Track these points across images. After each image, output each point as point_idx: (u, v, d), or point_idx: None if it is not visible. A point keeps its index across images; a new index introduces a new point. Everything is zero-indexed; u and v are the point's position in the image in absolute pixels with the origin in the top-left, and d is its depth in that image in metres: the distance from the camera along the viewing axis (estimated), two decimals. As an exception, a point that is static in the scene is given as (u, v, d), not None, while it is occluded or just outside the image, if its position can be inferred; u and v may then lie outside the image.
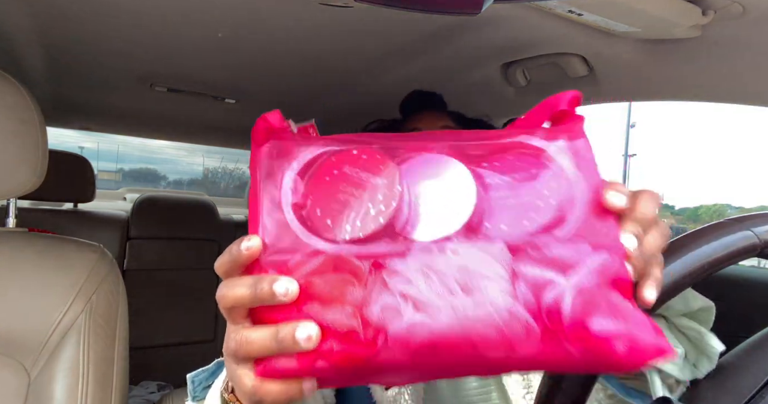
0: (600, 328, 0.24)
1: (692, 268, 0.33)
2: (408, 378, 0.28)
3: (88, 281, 0.73)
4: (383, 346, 0.24)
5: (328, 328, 0.25)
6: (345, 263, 0.26)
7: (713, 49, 0.75)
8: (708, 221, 0.38)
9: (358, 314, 0.25)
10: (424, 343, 0.24)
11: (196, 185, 16.40)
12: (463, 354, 0.24)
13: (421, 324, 0.24)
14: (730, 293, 1.11)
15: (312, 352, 0.25)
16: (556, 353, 0.24)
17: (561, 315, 0.24)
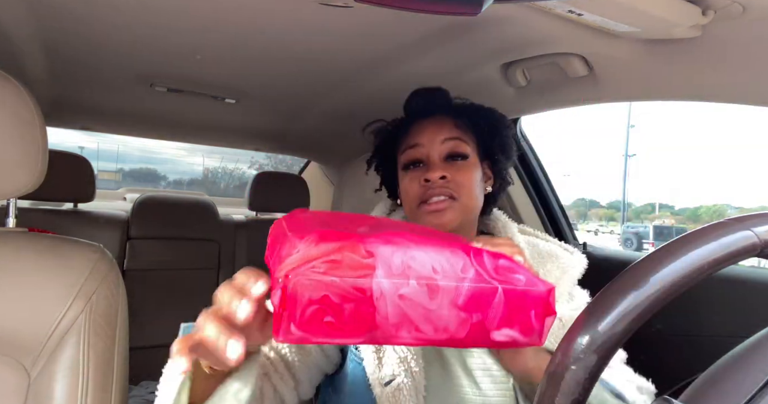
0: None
1: (692, 268, 0.33)
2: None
3: (88, 281, 0.73)
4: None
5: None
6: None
7: (713, 49, 0.75)
8: (708, 221, 0.38)
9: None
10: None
11: (196, 185, 16.46)
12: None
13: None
14: (730, 293, 1.11)
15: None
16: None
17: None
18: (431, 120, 0.76)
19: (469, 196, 0.72)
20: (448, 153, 0.73)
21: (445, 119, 0.76)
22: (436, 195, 0.71)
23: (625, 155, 21.88)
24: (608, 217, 40.87)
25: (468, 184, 0.72)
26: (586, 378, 0.31)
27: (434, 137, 0.74)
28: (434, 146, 0.74)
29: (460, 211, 0.72)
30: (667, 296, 0.32)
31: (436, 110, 0.78)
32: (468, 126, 0.76)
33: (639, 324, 0.32)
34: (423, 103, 0.80)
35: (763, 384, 0.30)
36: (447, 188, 0.71)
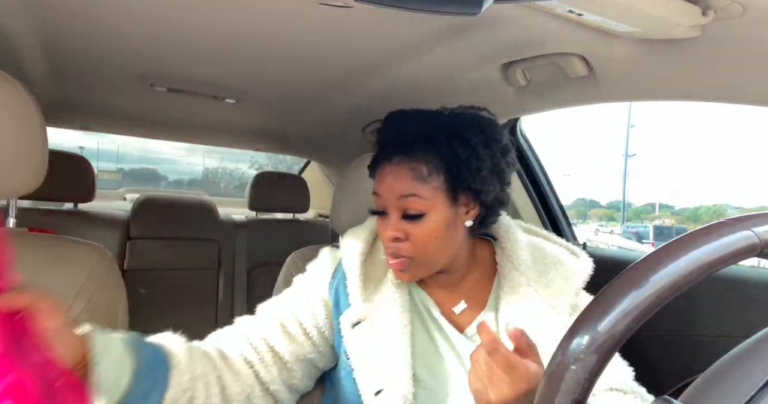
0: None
1: (692, 268, 0.33)
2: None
3: (88, 281, 0.73)
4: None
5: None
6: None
7: (713, 49, 0.75)
8: (708, 221, 0.38)
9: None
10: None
11: (196, 185, 16.46)
12: None
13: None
14: (730, 293, 1.11)
15: None
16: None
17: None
18: (391, 167, 0.68)
19: (424, 253, 0.68)
20: (404, 212, 0.67)
21: (403, 168, 0.67)
22: (391, 254, 0.69)
23: (625, 155, 21.89)
24: (608, 217, 40.88)
25: (424, 241, 0.67)
26: (586, 378, 0.31)
27: (390, 191, 0.68)
28: (391, 200, 0.68)
29: (419, 268, 0.70)
30: (667, 296, 0.32)
31: (403, 148, 0.68)
32: (435, 164, 0.67)
33: (639, 324, 0.32)
34: (394, 134, 0.71)
35: (763, 384, 0.30)
36: (398, 250, 0.68)
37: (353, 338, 0.71)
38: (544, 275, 0.75)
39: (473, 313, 0.74)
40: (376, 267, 0.76)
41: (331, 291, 0.76)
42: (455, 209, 0.69)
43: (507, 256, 0.76)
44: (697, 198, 41.89)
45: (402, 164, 0.68)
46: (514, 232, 0.79)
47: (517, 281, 0.74)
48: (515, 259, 0.75)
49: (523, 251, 0.76)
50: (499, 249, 0.78)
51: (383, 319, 0.71)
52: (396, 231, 0.68)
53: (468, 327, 0.73)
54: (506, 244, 0.77)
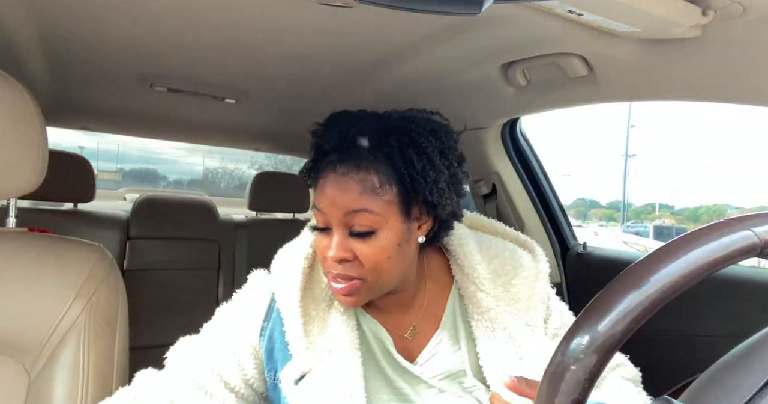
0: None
1: (692, 268, 0.33)
2: None
3: (88, 281, 0.73)
4: None
5: None
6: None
7: (713, 49, 0.75)
8: (708, 221, 0.38)
9: None
10: None
11: (196, 185, 16.44)
12: None
13: None
14: (730, 294, 1.11)
15: None
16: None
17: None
18: (336, 177, 0.60)
19: (375, 275, 0.60)
20: (351, 230, 0.60)
21: (350, 180, 0.59)
22: (335, 279, 0.61)
23: (625, 155, 21.89)
24: (608, 217, 40.86)
25: (374, 262, 0.59)
26: (586, 378, 0.31)
27: (334, 206, 0.59)
28: (335, 217, 0.60)
29: (368, 290, 0.62)
30: (667, 296, 0.32)
31: (348, 157, 0.60)
32: (387, 176, 0.60)
33: (639, 324, 0.32)
34: (336, 141, 0.62)
35: (763, 384, 0.30)
36: (347, 271, 0.60)
37: (296, 395, 0.61)
38: (509, 287, 0.69)
39: (428, 333, 0.68)
40: (318, 304, 0.66)
41: (263, 339, 0.66)
42: (408, 224, 0.62)
43: (466, 275, 0.69)
44: (697, 198, 41.81)
45: (349, 174, 0.59)
46: (467, 243, 0.71)
47: (485, 304, 0.67)
48: (475, 278, 0.68)
49: (481, 265, 0.69)
50: (455, 265, 0.71)
51: (332, 367, 0.61)
52: (343, 251, 0.59)
53: (422, 351, 0.67)
54: (462, 260, 0.70)
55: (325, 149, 0.63)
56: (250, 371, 0.65)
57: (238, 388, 0.65)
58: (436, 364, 0.67)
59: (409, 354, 0.68)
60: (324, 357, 0.62)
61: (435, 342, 0.68)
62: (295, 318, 0.63)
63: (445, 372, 0.67)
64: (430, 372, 0.66)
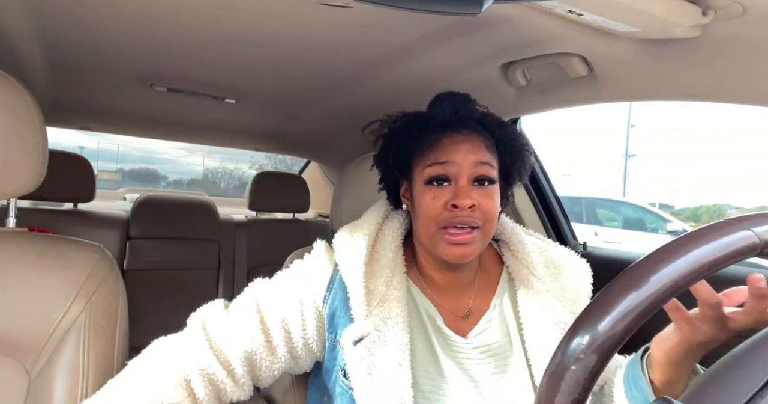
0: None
1: (692, 268, 0.33)
2: None
3: (88, 281, 0.73)
4: None
5: None
6: None
7: (713, 49, 0.75)
8: (708, 221, 0.38)
9: None
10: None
11: (196, 185, 16.47)
12: None
13: None
14: (730, 293, 1.11)
15: None
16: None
17: None
18: (464, 137, 0.69)
19: (491, 224, 0.68)
20: (478, 177, 0.67)
21: (477, 138, 0.69)
22: (461, 224, 0.66)
23: (625, 155, 21.87)
24: (608, 217, 40.76)
25: (493, 212, 0.67)
26: (586, 378, 0.31)
27: (466, 157, 0.67)
28: (465, 167, 0.67)
29: (481, 241, 0.68)
30: (667, 296, 0.32)
31: (466, 124, 0.71)
32: (493, 145, 0.71)
33: (639, 324, 0.32)
34: (452, 112, 0.72)
35: (763, 384, 0.30)
36: (472, 218, 0.65)
37: (354, 356, 0.66)
38: (558, 278, 0.74)
39: (478, 314, 0.73)
40: (377, 278, 0.70)
41: (326, 305, 0.70)
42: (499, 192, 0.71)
43: (519, 259, 0.75)
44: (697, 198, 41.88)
45: (473, 135, 0.69)
46: (520, 234, 0.78)
47: (535, 287, 0.72)
48: (529, 263, 0.74)
49: (534, 253, 0.75)
50: (508, 252, 0.77)
51: (386, 336, 0.67)
52: (472, 199, 0.65)
53: (471, 330, 0.71)
54: (516, 246, 0.76)
55: (440, 119, 0.72)
56: (310, 330, 0.70)
57: (296, 344, 0.70)
58: (484, 341, 0.70)
59: (460, 331, 0.71)
60: (380, 326, 0.67)
61: (485, 321, 0.72)
62: (359, 289, 0.68)
63: (492, 349, 0.70)
64: (478, 348, 0.70)
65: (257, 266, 2.03)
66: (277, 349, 0.69)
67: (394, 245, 0.73)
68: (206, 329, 0.70)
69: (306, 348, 0.71)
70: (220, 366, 0.66)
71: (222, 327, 0.70)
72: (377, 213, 0.77)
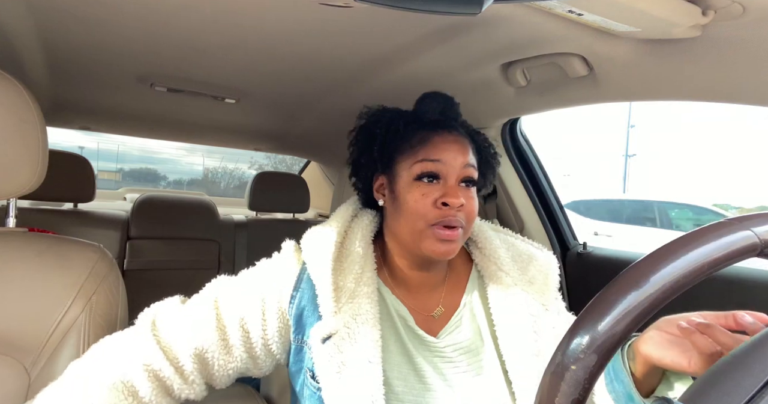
0: None
1: (692, 268, 0.33)
2: None
3: (88, 281, 0.73)
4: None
5: None
6: None
7: (713, 49, 0.75)
8: (708, 221, 0.38)
9: None
10: None
11: (196, 185, 16.47)
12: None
13: None
14: (730, 293, 1.11)
15: None
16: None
17: None
18: (455, 137, 0.71)
19: (471, 225, 0.70)
20: (465, 178, 0.69)
21: (465, 141, 0.72)
22: (452, 223, 0.67)
23: (626, 155, 21.87)
24: (608, 217, 40.75)
25: (475, 212, 0.70)
26: (586, 378, 0.31)
27: (456, 157, 0.69)
28: (455, 168, 0.69)
29: (462, 240, 0.70)
30: (667, 296, 0.32)
31: (453, 126, 0.72)
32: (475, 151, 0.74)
33: (639, 324, 0.32)
34: (440, 111, 0.74)
35: (763, 384, 0.30)
36: (459, 218, 0.67)
37: (322, 354, 0.65)
38: (525, 271, 0.75)
39: (449, 313, 0.73)
40: (346, 275, 0.69)
41: (292, 305, 0.69)
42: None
43: (486, 256, 0.76)
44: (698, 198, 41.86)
45: (462, 137, 0.72)
46: (486, 230, 0.79)
47: (504, 281, 0.73)
48: (496, 259, 0.75)
49: (501, 249, 0.76)
50: (476, 250, 0.78)
51: (355, 332, 0.65)
52: (462, 198, 0.67)
53: (442, 329, 0.71)
54: (483, 243, 0.77)
55: (428, 117, 0.74)
56: (271, 331, 0.68)
57: (255, 344, 0.68)
58: (455, 339, 0.71)
59: (431, 331, 0.71)
60: (349, 322, 0.66)
61: (456, 319, 0.73)
62: (327, 285, 0.67)
63: (464, 347, 0.70)
64: (449, 346, 0.70)
65: (257, 266, 2.03)
66: (233, 348, 0.67)
67: (364, 242, 0.72)
68: (156, 324, 0.67)
69: (265, 348, 0.68)
70: (167, 362, 0.63)
71: (173, 323, 0.67)
72: (346, 211, 0.77)
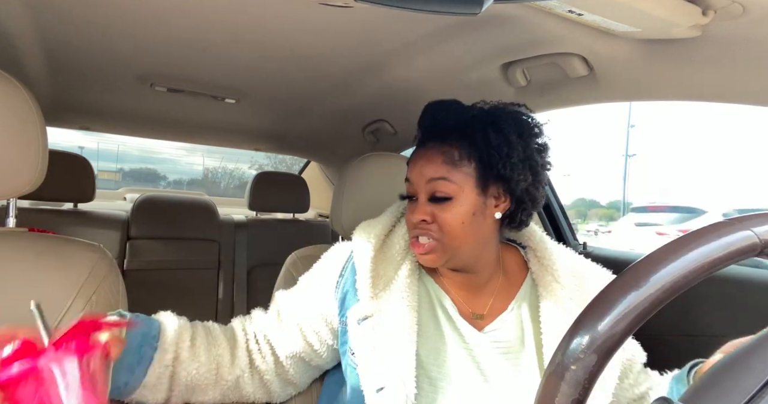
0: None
1: (692, 268, 0.33)
2: None
3: (88, 281, 0.73)
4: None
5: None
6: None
7: (713, 49, 0.75)
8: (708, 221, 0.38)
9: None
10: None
11: (196, 185, 16.46)
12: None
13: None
14: (730, 293, 1.11)
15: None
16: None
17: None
18: (423, 153, 0.71)
19: (451, 237, 0.68)
20: (431, 194, 0.69)
21: (434, 152, 0.69)
22: (419, 235, 0.70)
23: (626, 155, 21.86)
24: (608, 217, 40.88)
25: (451, 223, 0.68)
26: (586, 378, 0.31)
27: (420, 175, 0.70)
28: (420, 184, 0.70)
29: (444, 251, 0.69)
30: (667, 296, 0.32)
31: (436, 135, 0.71)
32: (467, 151, 0.68)
33: (639, 324, 0.32)
34: (430, 123, 0.73)
35: (763, 384, 0.30)
36: (426, 230, 0.69)
37: (359, 334, 0.70)
38: (582, 289, 0.73)
39: (495, 314, 0.73)
40: (387, 265, 0.74)
41: (338, 290, 0.75)
42: (484, 199, 0.69)
43: (544, 266, 0.75)
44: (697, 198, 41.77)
45: (434, 148, 0.70)
46: (548, 242, 0.78)
47: (558, 295, 0.72)
48: (554, 270, 0.74)
49: (560, 262, 0.75)
50: (534, 257, 0.78)
51: (391, 316, 0.69)
52: (423, 214, 0.69)
53: (486, 325, 0.72)
54: (542, 253, 0.76)
55: (421, 132, 0.74)
56: (331, 319, 0.75)
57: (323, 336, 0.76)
58: (496, 336, 0.71)
59: (474, 325, 0.72)
60: (385, 307, 0.70)
61: (500, 320, 0.73)
62: (365, 272, 0.72)
63: (503, 347, 0.71)
64: (489, 342, 0.70)
65: (257, 266, 2.03)
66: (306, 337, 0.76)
67: (406, 236, 0.76)
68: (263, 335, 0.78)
69: (331, 334, 0.76)
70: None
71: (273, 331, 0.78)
72: (397, 208, 0.82)
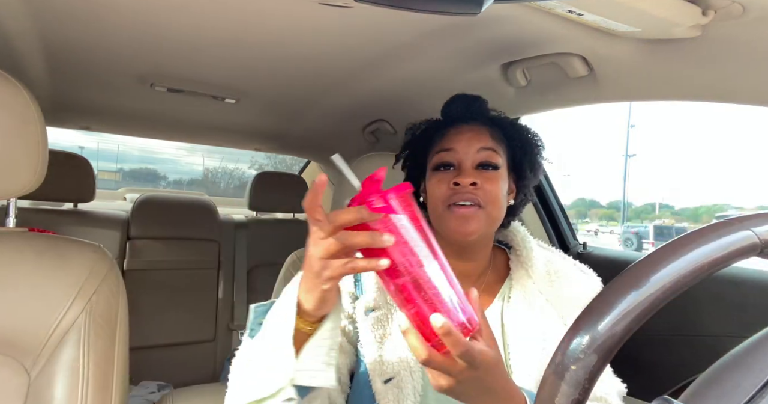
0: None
1: (692, 268, 0.33)
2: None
3: (88, 281, 0.73)
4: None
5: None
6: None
7: (713, 49, 0.75)
8: (708, 221, 0.38)
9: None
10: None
11: (196, 185, 16.46)
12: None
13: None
14: (730, 294, 1.11)
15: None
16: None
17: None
18: (469, 127, 0.75)
19: (494, 205, 0.71)
20: (481, 162, 0.73)
21: (481, 128, 0.75)
22: (463, 200, 0.70)
23: (626, 155, 21.88)
24: (608, 217, 40.93)
25: (496, 193, 0.71)
26: (586, 378, 0.31)
27: (470, 144, 0.73)
28: (469, 153, 0.73)
29: (485, 220, 0.71)
30: (667, 296, 0.32)
31: (474, 118, 0.77)
32: (501, 139, 0.76)
33: (639, 324, 0.32)
34: (462, 109, 0.79)
35: (763, 384, 0.30)
36: (475, 195, 0.70)
37: (366, 325, 0.71)
38: (554, 285, 0.76)
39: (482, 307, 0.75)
40: None
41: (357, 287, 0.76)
42: (508, 183, 0.75)
43: (521, 263, 0.78)
44: (697, 198, 41.74)
45: (478, 126, 0.75)
46: (530, 242, 0.81)
47: (528, 288, 0.75)
48: (529, 267, 0.77)
49: (538, 260, 0.78)
50: (514, 256, 0.80)
51: (393, 311, 0.71)
52: (474, 177, 0.70)
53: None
54: (521, 252, 0.80)
55: (453, 115, 0.79)
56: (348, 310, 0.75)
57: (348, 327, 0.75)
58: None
59: None
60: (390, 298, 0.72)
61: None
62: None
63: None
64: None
65: (257, 266, 2.03)
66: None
67: None
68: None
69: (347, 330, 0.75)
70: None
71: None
72: None
